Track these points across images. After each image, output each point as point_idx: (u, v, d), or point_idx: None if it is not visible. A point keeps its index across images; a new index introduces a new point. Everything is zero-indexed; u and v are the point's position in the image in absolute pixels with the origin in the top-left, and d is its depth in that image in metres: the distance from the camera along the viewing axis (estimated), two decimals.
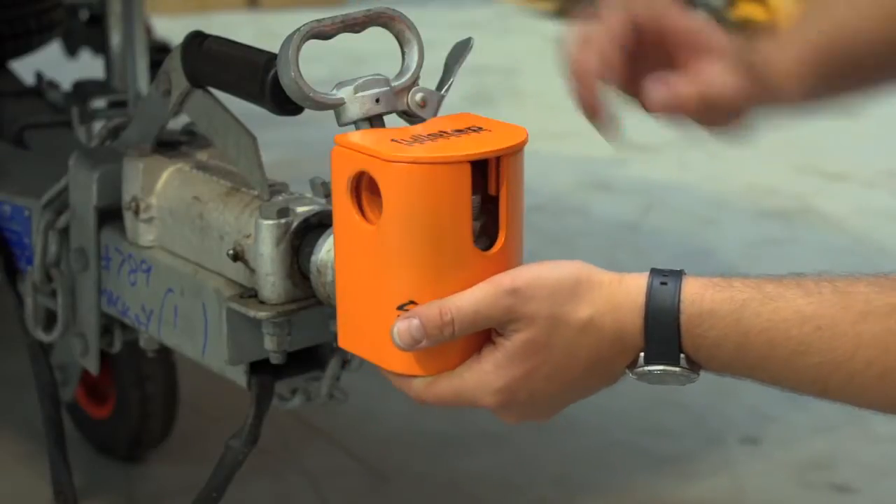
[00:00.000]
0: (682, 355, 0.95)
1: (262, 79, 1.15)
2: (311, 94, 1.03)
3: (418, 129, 1.03)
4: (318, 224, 1.18)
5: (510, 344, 0.96)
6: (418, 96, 1.06)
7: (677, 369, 0.95)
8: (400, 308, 0.98)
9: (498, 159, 0.99)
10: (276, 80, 1.06)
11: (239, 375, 1.26)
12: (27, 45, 2.08)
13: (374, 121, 1.05)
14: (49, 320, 1.52)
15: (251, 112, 1.24)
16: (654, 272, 0.96)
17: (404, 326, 0.97)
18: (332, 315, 1.08)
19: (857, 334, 0.90)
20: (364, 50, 3.20)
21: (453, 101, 1.13)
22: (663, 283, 0.94)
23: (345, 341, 1.05)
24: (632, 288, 0.95)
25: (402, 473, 1.94)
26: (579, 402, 2.20)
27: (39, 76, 2.01)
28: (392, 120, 1.06)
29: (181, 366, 1.84)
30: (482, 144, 0.99)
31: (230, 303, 1.21)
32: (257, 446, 1.26)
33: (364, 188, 1.00)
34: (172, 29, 2.68)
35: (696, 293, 0.94)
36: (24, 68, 2.10)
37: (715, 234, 3.10)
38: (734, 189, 3.41)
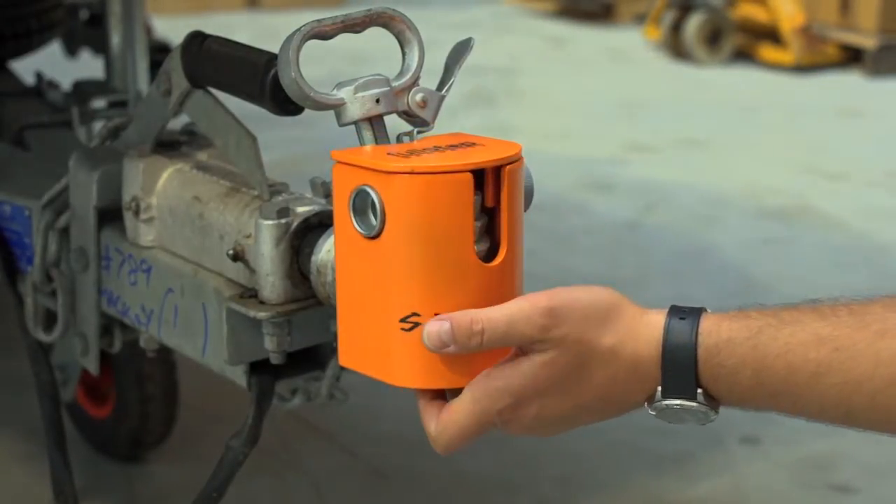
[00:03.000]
0: (699, 390, 0.94)
1: (262, 79, 1.15)
2: (311, 94, 1.03)
3: (413, 144, 1.03)
4: (318, 224, 1.18)
5: (531, 361, 0.96)
6: (418, 96, 1.06)
7: (694, 405, 0.95)
8: (402, 320, 0.98)
9: (498, 170, 0.99)
10: (276, 80, 1.06)
11: (239, 375, 1.26)
12: (27, 45, 2.08)
13: (375, 121, 1.05)
14: (49, 320, 1.52)
15: (251, 112, 1.24)
16: (674, 308, 0.97)
17: (435, 328, 0.97)
18: (332, 315, 1.08)
19: (875, 353, 0.90)
20: (364, 50, 3.20)
21: (453, 101, 1.13)
22: (682, 318, 0.95)
23: (346, 359, 1.04)
24: (652, 321, 0.96)
25: (402, 473, 1.94)
26: None
27: (39, 76, 2.01)
28: (392, 120, 1.06)
29: (181, 366, 1.84)
30: (481, 156, 0.99)
31: (230, 303, 1.21)
32: (257, 446, 1.26)
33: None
34: (172, 29, 2.68)
35: (712, 325, 0.94)
36: (24, 68, 2.10)
37: (715, 234, 3.10)
38: (735, 189, 3.41)
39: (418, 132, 1.06)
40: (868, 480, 1.95)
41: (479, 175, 0.99)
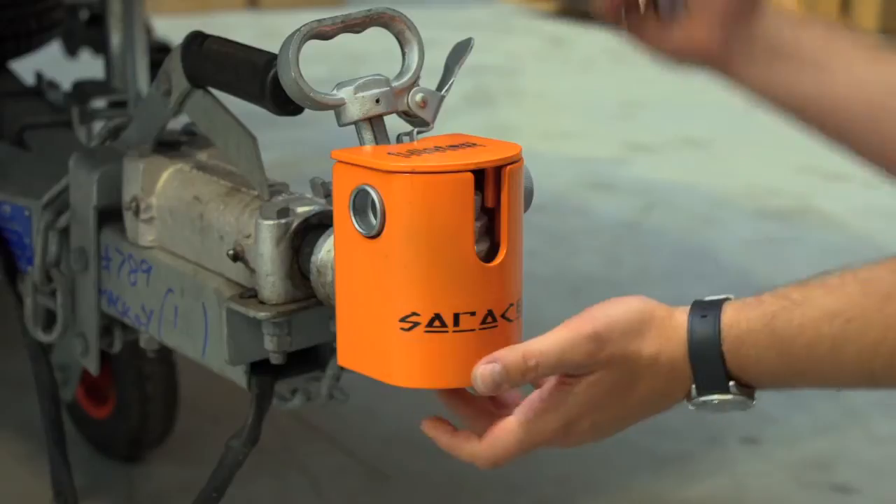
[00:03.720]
0: (731, 382, 0.98)
1: (262, 79, 1.15)
2: (311, 95, 1.03)
3: (413, 144, 1.03)
4: (318, 224, 1.18)
5: (580, 384, 0.99)
6: (418, 96, 1.06)
7: (730, 396, 0.98)
8: (402, 320, 0.98)
9: (498, 170, 0.99)
10: (276, 80, 1.06)
11: (239, 376, 1.26)
12: (27, 45, 2.08)
13: (375, 121, 1.05)
14: (49, 320, 1.52)
15: (251, 112, 1.24)
16: (696, 306, 1.00)
17: (488, 371, 0.98)
18: (332, 315, 1.08)
19: (884, 318, 0.93)
20: (364, 50, 3.20)
21: (453, 101, 1.13)
22: (703, 316, 0.98)
23: (345, 359, 1.04)
24: (678, 323, 0.99)
25: (402, 473, 1.94)
26: None
27: (39, 76, 2.01)
28: (392, 120, 1.06)
29: (181, 366, 1.84)
30: (481, 156, 0.99)
31: (230, 303, 1.21)
32: (257, 446, 1.26)
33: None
34: (172, 29, 2.68)
35: (732, 318, 0.97)
36: (24, 68, 2.10)
37: (715, 234, 3.10)
38: (734, 189, 3.41)
39: (418, 132, 1.06)
40: (868, 480, 1.95)
41: (479, 175, 0.99)
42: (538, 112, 4.28)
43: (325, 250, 1.14)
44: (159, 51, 2.03)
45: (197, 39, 1.26)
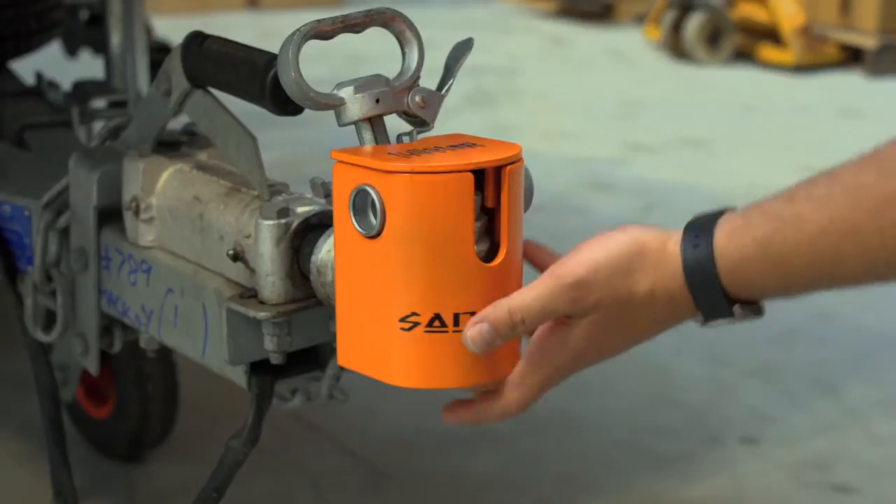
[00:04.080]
0: (735, 306, 0.98)
1: (262, 79, 1.14)
2: (311, 95, 1.03)
3: (413, 145, 1.03)
4: (318, 224, 1.18)
5: (578, 326, 1.00)
6: (418, 97, 1.06)
7: (736, 317, 0.98)
8: (402, 320, 0.98)
9: (498, 170, 0.99)
10: (276, 80, 1.06)
11: (239, 376, 1.26)
12: (27, 45, 2.08)
13: (374, 121, 1.05)
14: (49, 320, 1.52)
15: (251, 112, 1.24)
16: (687, 232, 0.98)
17: (476, 332, 0.99)
18: (332, 315, 1.08)
19: (878, 228, 0.91)
20: (364, 50, 3.20)
21: (453, 101, 1.13)
22: (696, 246, 0.97)
23: (345, 359, 1.04)
24: (672, 257, 0.98)
25: (402, 473, 1.94)
26: (578, 402, 2.20)
27: (39, 76, 2.01)
28: (392, 120, 1.06)
29: (181, 366, 1.84)
30: (481, 156, 0.99)
31: (230, 303, 1.21)
32: (257, 446, 1.26)
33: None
34: (172, 29, 2.68)
35: (724, 246, 0.96)
36: (24, 68, 2.10)
37: None
38: (735, 189, 3.41)
39: (418, 132, 1.06)
40: (868, 480, 1.95)
41: (479, 175, 0.99)
42: (538, 112, 4.28)
43: (325, 250, 1.14)
44: (159, 51, 2.03)
45: (197, 39, 1.26)
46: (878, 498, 1.92)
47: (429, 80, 1.08)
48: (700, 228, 0.98)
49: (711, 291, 0.97)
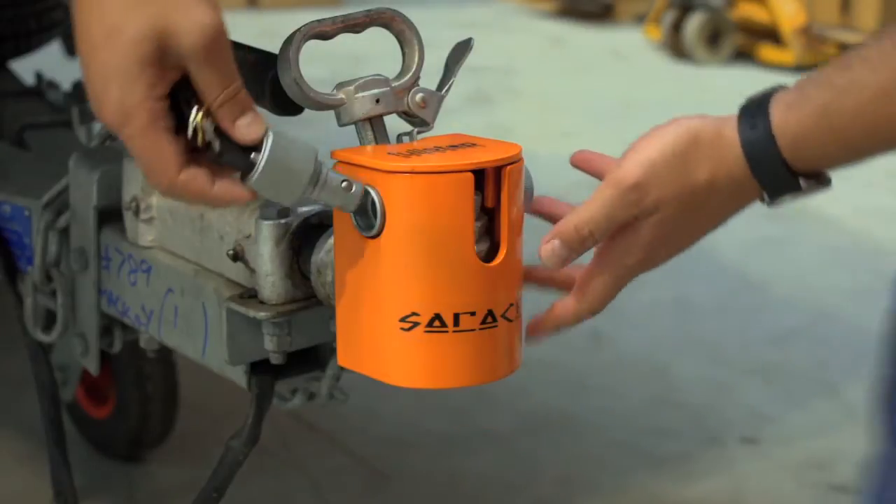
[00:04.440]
0: (800, 179, 0.98)
1: (262, 79, 1.14)
2: (311, 95, 1.03)
3: (413, 144, 1.03)
4: (318, 224, 1.18)
5: (645, 226, 1.00)
6: (418, 96, 1.06)
7: (803, 190, 0.99)
8: (402, 320, 0.98)
9: (498, 170, 0.99)
10: (276, 80, 1.06)
11: (239, 376, 1.26)
12: (27, 45, 2.08)
13: (375, 121, 1.05)
14: (49, 320, 1.52)
15: None
16: (743, 114, 0.98)
17: (549, 250, 1.01)
18: (333, 315, 1.08)
19: None
20: (364, 50, 3.20)
21: (453, 101, 1.13)
22: (753, 127, 0.97)
23: (345, 359, 1.04)
24: (730, 141, 0.98)
25: (402, 473, 1.94)
26: (577, 403, 2.20)
27: (39, 76, 2.01)
28: (392, 120, 1.06)
29: (181, 366, 1.84)
30: (481, 156, 0.99)
31: (230, 303, 1.21)
32: (257, 446, 1.26)
33: None
34: None
35: (783, 122, 0.96)
36: (24, 68, 2.10)
37: (715, 234, 3.10)
38: None
39: (418, 132, 1.06)
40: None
41: (479, 175, 0.99)
42: (538, 112, 4.28)
43: (325, 250, 1.14)
44: None
45: None
46: None
47: (429, 80, 1.08)
48: (755, 109, 0.98)
49: (775, 169, 0.97)
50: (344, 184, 0.97)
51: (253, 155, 0.95)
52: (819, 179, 0.99)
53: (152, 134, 0.92)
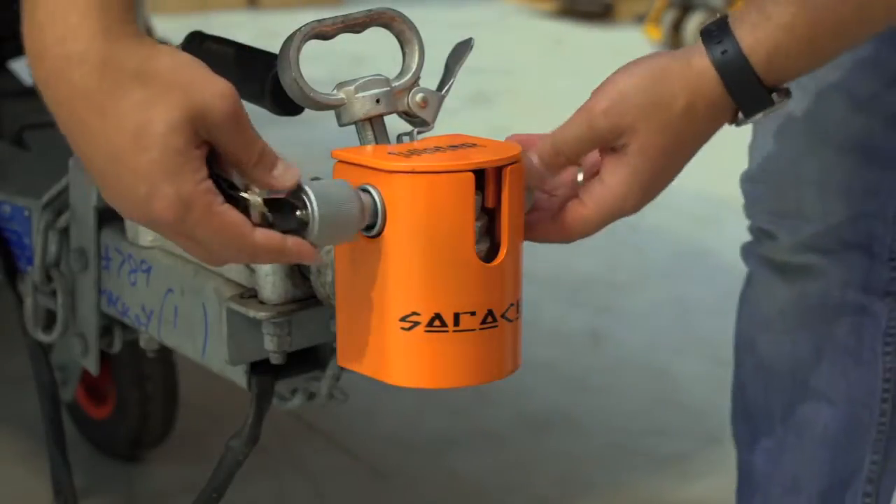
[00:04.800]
0: (773, 94, 1.03)
1: (262, 79, 1.14)
2: (311, 94, 1.03)
3: (414, 144, 1.03)
4: None
5: (629, 158, 1.04)
6: (419, 97, 1.06)
7: (774, 106, 1.04)
8: (402, 320, 0.98)
9: (499, 170, 0.99)
10: (276, 80, 1.06)
11: (239, 376, 1.26)
12: None
13: (375, 121, 1.05)
14: (49, 320, 1.52)
15: (251, 112, 1.24)
16: (709, 43, 1.02)
17: (528, 164, 1.04)
18: (332, 315, 1.08)
19: None
20: (364, 50, 3.20)
21: (453, 101, 1.13)
22: (724, 52, 1.02)
23: (344, 359, 1.04)
24: (703, 69, 1.02)
25: (401, 473, 1.94)
26: (577, 403, 2.20)
27: None
28: (392, 121, 1.06)
29: (181, 366, 1.84)
30: (481, 156, 0.99)
31: (230, 303, 1.21)
32: (257, 446, 1.26)
33: None
34: (172, 29, 2.68)
35: (752, 42, 1.01)
36: (24, 68, 2.10)
37: (714, 234, 3.10)
38: (734, 189, 3.40)
39: (418, 132, 1.06)
40: None
41: (479, 175, 0.99)
42: (538, 112, 4.28)
43: (325, 250, 1.14)
44: None
45: (196, 39, 1.26)
46: None
47: (429, 81, 1.08)
48: (719, 34, 1.02)
49: (751, 87, 1.02)
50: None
51: (300, 213, 0.95)
52: (785, 93, 1.04)
53: (217, 209, 0.91)
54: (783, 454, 1.39)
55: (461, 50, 1.09)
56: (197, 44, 1.26)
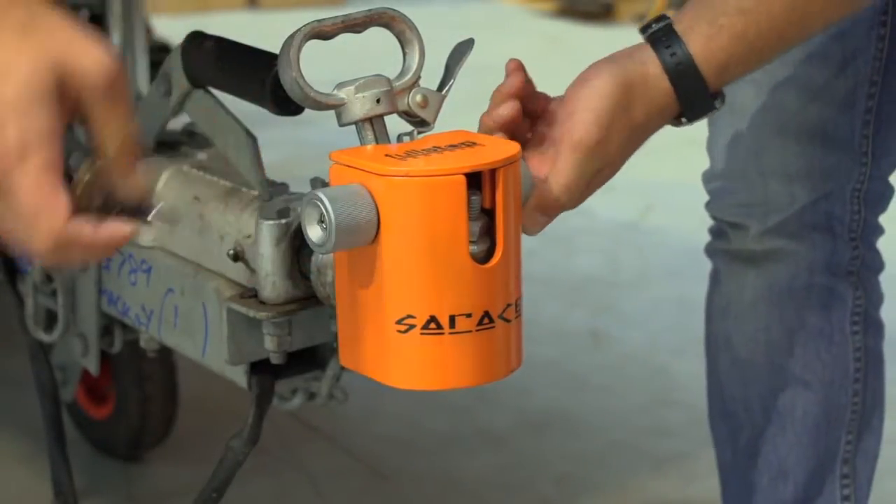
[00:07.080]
0: (716, 101, 1.10)
1: (262, 79, 1.14)
2: (311, 95, 1.03)
3: (412, 145, 1.03)
4: None
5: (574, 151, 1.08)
6: (419, 96, 1.06)
7: (715, 110, 1.10)
8: (398, 322, 0.98)
9: (493, 172, 0.99)
10: (276, 80, 1.06)
11: (239, 375, 1.26)
12: None
13: (375, 121, 1.05)
14: (49, 320, 1.52)
15: (251, 112, 1.24)
16: (662, 54, 1.08)
17: (534, 225, 1.09)
18: (333, 315, 1.08)
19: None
20: (364, 50, 3.20)
21: (453, 101, 1.13)
22: (678, 64, 1.07)
23: (346, 359, 1.04)
24: (657, 80, 1.07)
25: (401, 473, 1.94)
26: (577, 403, 2.20)
27: None
28: (392, 121, 1.06)
29: (181, 366, 1.84)
30: (477, 158, 0.99)
31: (230, 303, 1.21)
32: (257, 446, 1.26)
33: None
34: (172, 29, 2.68)
35: (707, 53, 1.07)
36: None
37: None
38: None
39: (418, 132, 1.06)
40: None
41: (477, 177, 0.99)
42: None
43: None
44: (159, 51, 2.03)
45: (197, 39, 1.26)
46: (878, 498, 1.92)
47: (429, 81, 1.08)
48: (668, 41, 1.07)
49: (700, 96, 1.08)
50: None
51: (324, 225, 0.95)
52: (722, 98, 1.10)
53: (50, 176, 0.87)
54: (765, 444, 1.41)
55: (462, 50, 1.09)
56: (197, 44, 1.26)
